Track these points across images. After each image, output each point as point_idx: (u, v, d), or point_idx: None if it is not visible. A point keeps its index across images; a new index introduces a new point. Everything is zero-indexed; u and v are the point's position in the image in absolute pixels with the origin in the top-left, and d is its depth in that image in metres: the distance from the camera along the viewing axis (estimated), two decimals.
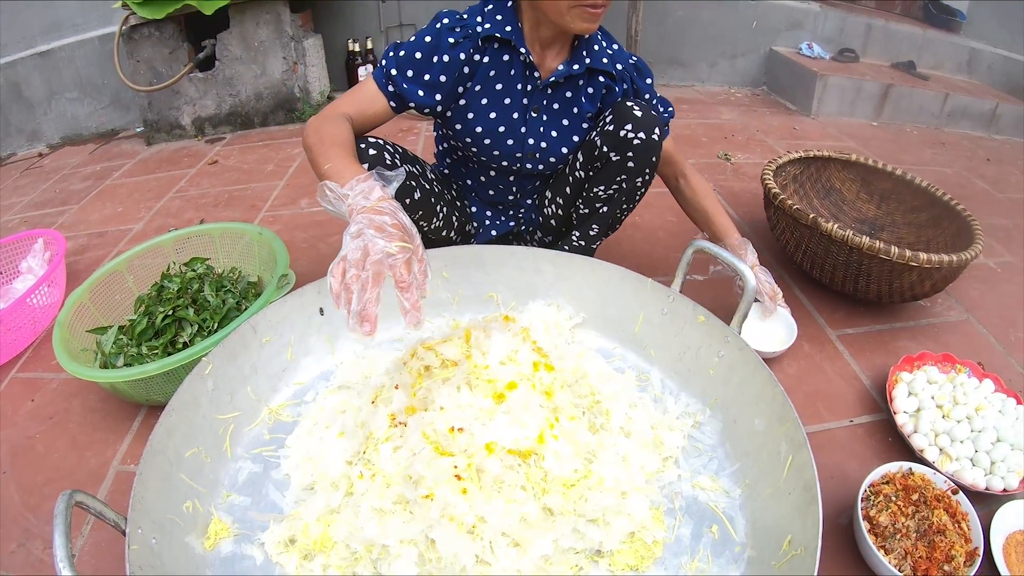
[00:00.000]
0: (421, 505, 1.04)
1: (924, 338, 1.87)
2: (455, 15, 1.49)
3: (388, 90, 1.46)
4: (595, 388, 1.33)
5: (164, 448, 1.11)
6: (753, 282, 1.28)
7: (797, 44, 4.22)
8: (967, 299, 2.08)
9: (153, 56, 3.35)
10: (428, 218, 1.59)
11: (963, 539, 1.21)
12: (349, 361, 1.49)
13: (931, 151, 3.55)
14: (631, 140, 1.48)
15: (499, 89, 1.53)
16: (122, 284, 1.82)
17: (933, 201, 2.11)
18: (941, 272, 1.70)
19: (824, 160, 2.30)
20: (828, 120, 3.87)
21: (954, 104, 3.94)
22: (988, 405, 1.50)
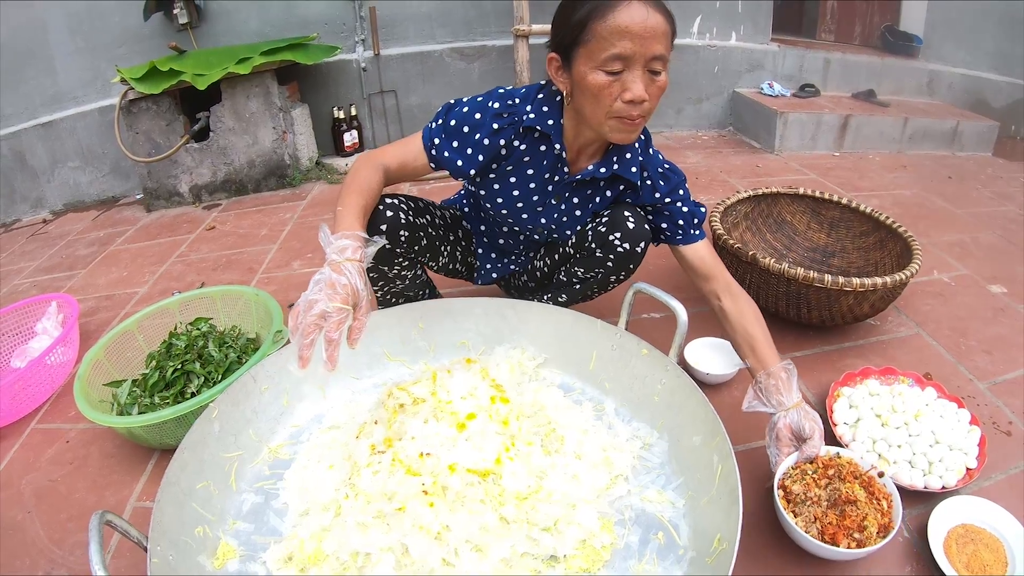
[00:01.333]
0: (396, 517, 1.23)
1: (872, 355, 1.97)
2: (509, 97, 1.54)
3: (431, 153, 1.56)
4: (552, 418, 1.50)
5: (178, 480, 1.28)
6: (683, 316, 1.45)
7: (759, 84, 4.36)
8: (918, 314, 2.19)
9: (151, 128, 3.53)
10: (435, 259, 1.77)
11: (879, 513, 1.29)
12: (338, 404, 1.66)
13: (892, 175, 3.67)
14: (616, 246, 1.60)
15: (529, 174, 1.60)
16: (133, 343, 1.99)
17: (878, 225, 2.24)
18: (877, 294, 1.83)
19: (773, 196, 2.44)
20: (791, 155, 3.98)
21: (915, 127, 4.09)
22: (928, 411, 1.61)
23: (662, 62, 1.33)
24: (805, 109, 4.03)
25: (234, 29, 3.83)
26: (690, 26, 4.22)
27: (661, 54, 1.31)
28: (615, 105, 1.35)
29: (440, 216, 1.81)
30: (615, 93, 1.33)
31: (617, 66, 1.31)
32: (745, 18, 4.29)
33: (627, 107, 1.34)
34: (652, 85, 1.34)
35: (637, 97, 1.32)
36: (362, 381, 1.71)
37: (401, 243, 1.61)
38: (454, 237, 1.84)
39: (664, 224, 1.65)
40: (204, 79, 3.28)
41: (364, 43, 3.93)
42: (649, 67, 1.32)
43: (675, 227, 1.64)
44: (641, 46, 1.28)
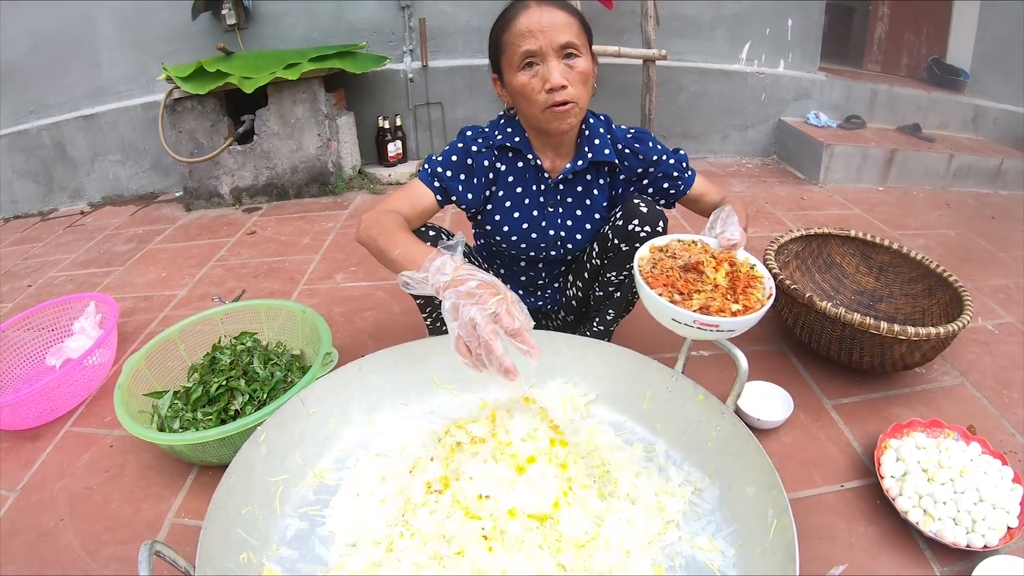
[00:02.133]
0: (454, 560, 1.21)
1: (918, 404, 1.95)
2: (478, 128, 1.71)
3: (435, 185, 1.64)
4: (605, 459, 1.48)
5: (225, 505, 1.27)
6: (744, 364, 1.42)
7: (805, 113, 4.33)
8: (963, 363, 2.15)
9: (195, 127, 3.57)
10: None
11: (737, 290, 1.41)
12: (386, 431, 1.64)
13: (936, 213, 3.61)
14: (638, 233, 1.63)
15: (519, 192, 1.72)
16: (175, 351, 1.98)
17: (928, 272, 2.22)
18: (930, 343, 1.81)
19: (824, 236, 2.42)
20: (835, 188, 3.94)
21: (959, 163, 4.02)
22: (973, 467, 1.58)
23: (573, 48, 1.48)
24: (851, 141, 3.99)
25: (281, 33, 3.86)
26: (739, 52, 4.22)
27: (568, 41, 1.46)
28: (541, 98, 1.50)
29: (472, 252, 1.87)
30: (538, 87, 1.49)
31: (531, 61, 1.48)
32: (794, 45, 4.27)
33: (550, 96, 1.49)
34: (571, 72, 1.49)
35: (556, 84, 1.47)
36: (410, 407, 1.70)
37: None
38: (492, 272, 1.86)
39: (665, 184, 1.74)
40: (252, 82, 3.31)
41: (412, 54, 3.94)
42: (563, 56, 1.48)
43: (673, 180, 1.73)
44: (544, 39, 1.45)
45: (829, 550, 1.49)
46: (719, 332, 1.35)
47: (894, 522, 1.55)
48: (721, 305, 1.37)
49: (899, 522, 1.54)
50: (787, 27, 4.22)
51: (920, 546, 1.50)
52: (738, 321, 1.33)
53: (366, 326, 2.38)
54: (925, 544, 1.50)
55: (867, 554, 1.49)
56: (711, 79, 4.23)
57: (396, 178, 4.03)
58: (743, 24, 4.17)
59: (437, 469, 1.41)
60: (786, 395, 1.88)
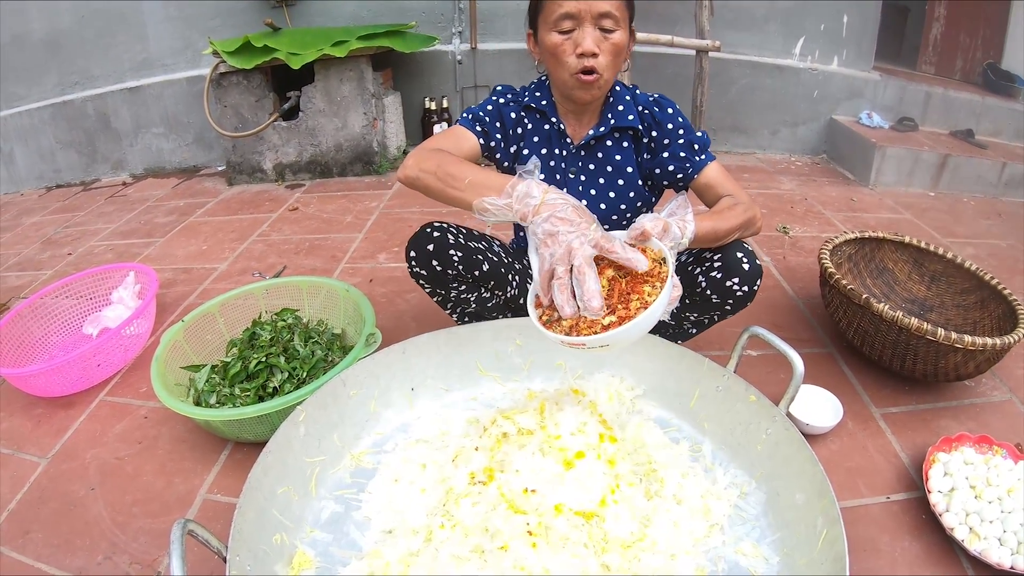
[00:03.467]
0: (495, 555, 1.18)
1: (966, 418, 1.90)
2: (508, 87, 1.73)
3: (476, 129, 1.63)
4: (652, 457, 1.45)
5: (260, 485, 1.26)
6: (801, 368, 1.38)
7: (857, 113, 4.23)
8: (1012, 379, 2.09)
9: (240, 103, 3.58)
10: (502, 287, 1.70)
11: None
12: (427, 416, 1.63)
13: (987, 222, 3.52)
14: (735, 291, 1.56)
15: (543, 153, 1.69)
16: (214, 325, 1.98)
17: (981, 284, 2.16)
18: (985, 354, 1.76)
19: (878, 241, 2.37)
20: (885, 191, 3.86)
21: (1011, 172, 3.91)
22: (1021, 487, 1.53)
23: (612, 20, 1.45)
24: (903, 144, 3.90)
25: (329, 11, 3.85)
26: (792, 47, 4.13)
27: (608, 11, 1.43)
28: (570, 61, 1.47)
29: (500, 245, 1.79)
30: (569, 51, 1.47)
31: (567, 24, 1.45)
32: (849, 42, 4.17)
33: (579, 60, 1.46)
34: (605, 42, 1.46)
35: (587, 50, 1.44)
36: (452, 393, 1.68)
37: (454, 263, 1.57)
38: (520, 267, 1.79)
39: (671, 167, 1.65)
40: (299, 59, 3.30)
41: (461, 35, 3.93)
42: (599, 25, 1.45)
43: (680, 162, 1.64)
44: (586, 4, 1.42)
45: (872, 563, 1.45)
46: (590, 349, 1.20)
47: (938, 538, 1.50)
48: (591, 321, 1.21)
49: (943, 539, 1.50)
50: (842, 24, 4.12)
51: (963, 565, 1.45)
52: (607, 336, 1.15)
53: (408, 308, 2.36)
54: (968, 563, 1.45)
55: (909, 569, 1.44)
56: (763, 73, 4.16)
57: None
58: (797, 18, 4.08)
59: (482, 459, 1.39)
60: (836, 401, 1.83)
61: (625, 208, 1.72)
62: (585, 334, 1.18)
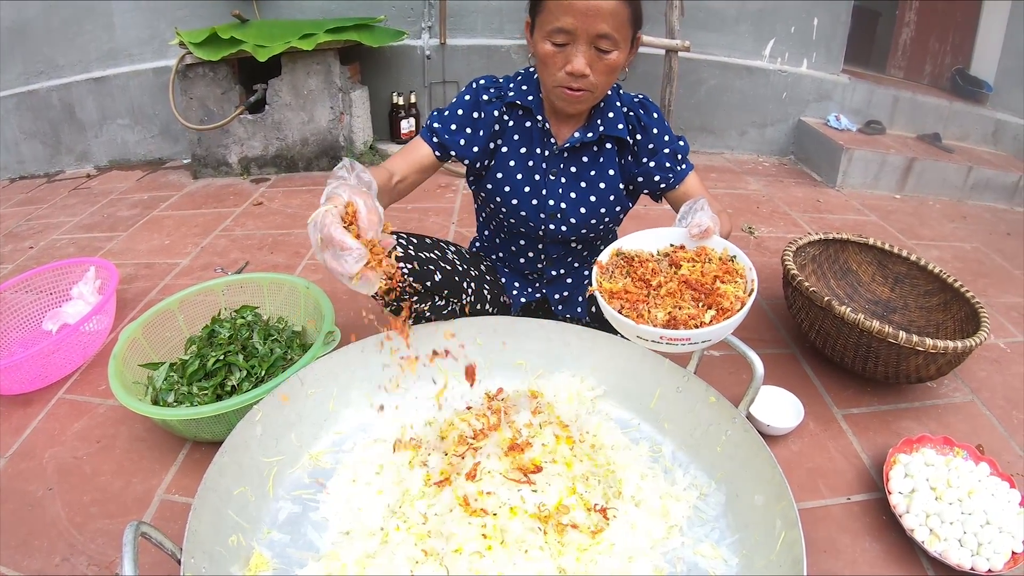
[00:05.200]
0: (451, 558, 1.16)
1: (928, 419, 1.91)
2: (491, 79, 1.66)
3: (432, 141, 1.61)
4: (610, 459, 1.44)
5: (216, 486, 1.23)
6: (760, 370, 1.37)
7: (825, 115, 4.26)
8: (974, 380, 2.11)
9: (206, 95, 3.51)
10: (457, 295, 1.67)
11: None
12: (387, 415, 1.60)
13: (952, 225, 3.56)
14: None
15: (523, 152, 1.65)
16: (173, 322, 1.94)
17: (944, 286, 2.18)
18: (947, 357, 1.77)
19: (842, 242, 2.38)
20: (852, 192, 3.89)
21: (977, 176, 3.96)
22: (981, 488, 1.54)
23: (609, 41, 1.38)
24: (870, 147, 3.93)
25: (298, 3, 3.79)
26: (763, 48, 4.13)
27: (606, 33, 1.36)
28: (559, 75, 1.43)
29: (456, 252, 1.76)
30: (559, 64, 1.42)
31: (561, 39, 1.39)
32: (819, 45, 4.18)
33: (568, 78, 1.42)
34: (599, 62, 1.41)
35: (576, 71, 1.40)
36: (411, 391, 1.66)
37: (405, 276, 1.53)
38: (477, 273, 1.76)
39: (656, 177, 1.64)
40: (266, 51, 3.25)
41: (431, 30, 3.88)
42: (596, 45, 1.38)
43: (664, 172, 1.64)
44: (584, 23, 1.35)
45: (832, 564, 1.45)
46: (692, 345, 1.25)
47: (899, 539, 1.51)
48: (692, 312, 1.27)
49: (904, 539, 1.51)
50: (812, 26, 4.13)
51: (924, 565, 1.46)
52: (712, 330, 1.20)
53: (370, 305, 2.32)
54: (929, 564, 1.46)
55: (870, 570, 1.45)
56: (733, 74, 4.16)
57: None
58: (768, 20, 4.08)
59: (437, 462, 1.37)
60: (797, 402, 1.83)
61: (604, 212, 1.69)
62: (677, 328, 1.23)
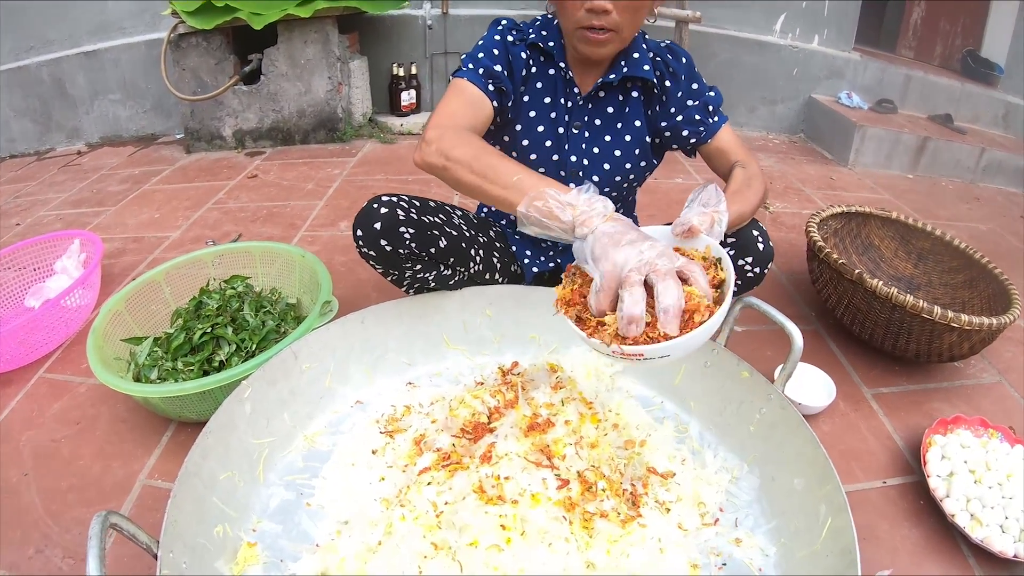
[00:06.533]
0: (465, 552, 1.04)
1: (957, 400, 1.84)
2: (512, 21, 1.52)
3: (489, 89, 1.41)
4: (636, 439, 1.33)
5: (199, 470, 1.11)
6: (800, 342, 1.25)
7: (836, 93, 4.19)
8: (1000, 361, 2.05)
9: (199, 65, 3.40)
10: (464, 263, 1.54)
11: None
12: (387, 392, 1.49)
13: (966, 206, 3.51)
14: (746, 271, 1.46)
15: (546, 103, 1.52)
16: (159, 295, 1.83)
17: (970, 263, 2.10)
18: (980, 334, 1.69)
19: (864, 216, 2.29)
20: (864, 171, 3.83)
21: (990, 159, 3.91)
22: (1018, 472, 1.48)
23: None
24: (883, 125, 3.86)
25: None
26: (773, 23, 4.05)
27: None
28: (579, 14, 1.32)
29: (462, 216, 1.61)
30: (580, 3, 1.32)
31: None
32: (830, 21, 4.10)
33: (588, 16, 1.31)
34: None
35: (597, 7, 1.29)
36: (415, 368, 1.54)
37: (406, 242, 1.38)
38: (485, 239, 1.63)
39: (685, 132, 1.53)
40: (261, 19, 3.14)
41: None
42: None
43: (695, 126, 1.52)
44: None
45: (872, 553, 1.36)
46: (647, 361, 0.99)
47: (938, 524, 1.43)
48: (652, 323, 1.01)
49: (943, 525, 1.43)
50: (824, 2, 4.05)
51: (964, 552, 1.38)
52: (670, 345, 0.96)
53: (370, 277, 2.23)
54: (968, 550, 1.38)
55: (911, 559, 1.36)
56: (743, 48, 4.08)
57: (408, 128, 3.87)
58: None
59: (448, 443, 1.25)
60: (828, 379, 1.75)
61: (629, 168, 1.57)
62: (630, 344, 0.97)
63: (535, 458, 1.19)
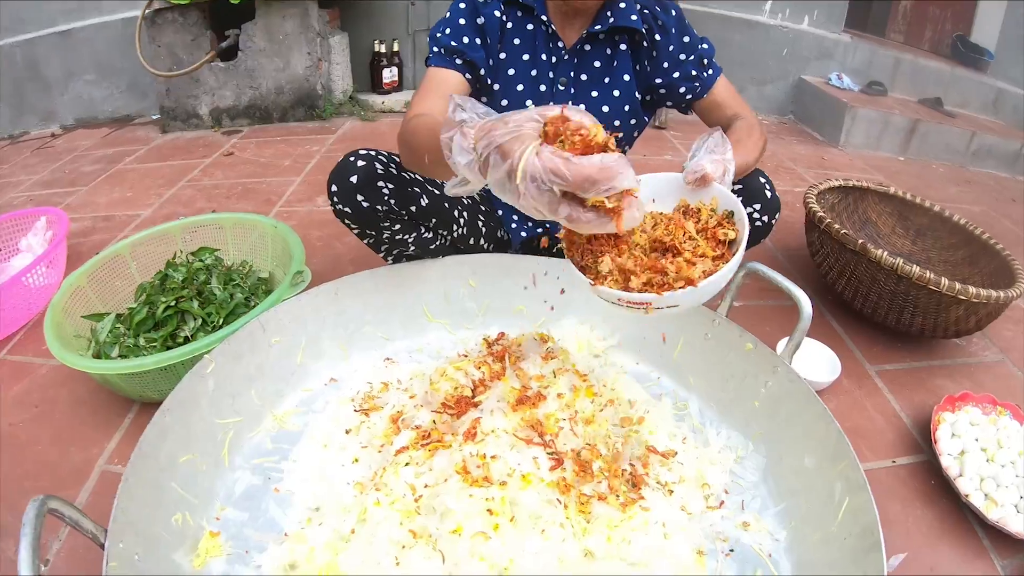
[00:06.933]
0: (448, 541, 0.95)
1: (961, 377, 1.80)
2: None
3: (456, 63, 1.36)
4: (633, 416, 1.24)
5: (156, 452, 1.02)
6: (808, 310, 1.16)
7: (826, 74, 4.17)
8: (1001, 340, 2.00)
9: (175, 42, 3.31)
10: (447, 225, 1.47)
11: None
12: (363, 369, 1.39)
13: (957, 188, 3.50)
14: (755, 220, 1.38)
15: (525, 60, 1.45)
16: (124, 270, 1.74)
17: (970, 239, 2.05)
18: (987, 308, 1.64)
19: (862, 191, 2.23)
20: (855, 152, 3.81)
21: (980, 143, 3.90)
22: None
23: None
24: (874, 106, 3.83)
25: None
26: (763, 3, 4.02)
27: None
28: None
29: None
30: None
31: None
32: (820, 2, 4.08)
33: None
34: None
35: None
36: (394, 343, 1.44)
37: (384, 198, 1.29)
38: (470, 201, 1.55)
39: (682, 89, 1.46)
40: None
41: None
42: None
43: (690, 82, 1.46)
44: None
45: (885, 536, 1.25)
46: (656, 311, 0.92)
47: (950, 505, 1.38)
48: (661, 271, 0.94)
49: (955, 505, 1.37)
50: None
51: (979, 534, 1.33)
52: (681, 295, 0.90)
53: (347, 251, 2.16)
54: (982, 531, 1.33)
55: (925, 541, 1.30)
56: (733, 27, 4.03)
57: (390, 106, 3.80)
58: None
59: (428, 420, 1.15)
60: (832, 355, 1.68)
61: (618, 125, 1.49)
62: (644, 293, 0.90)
63: (525, 435, 1.09)
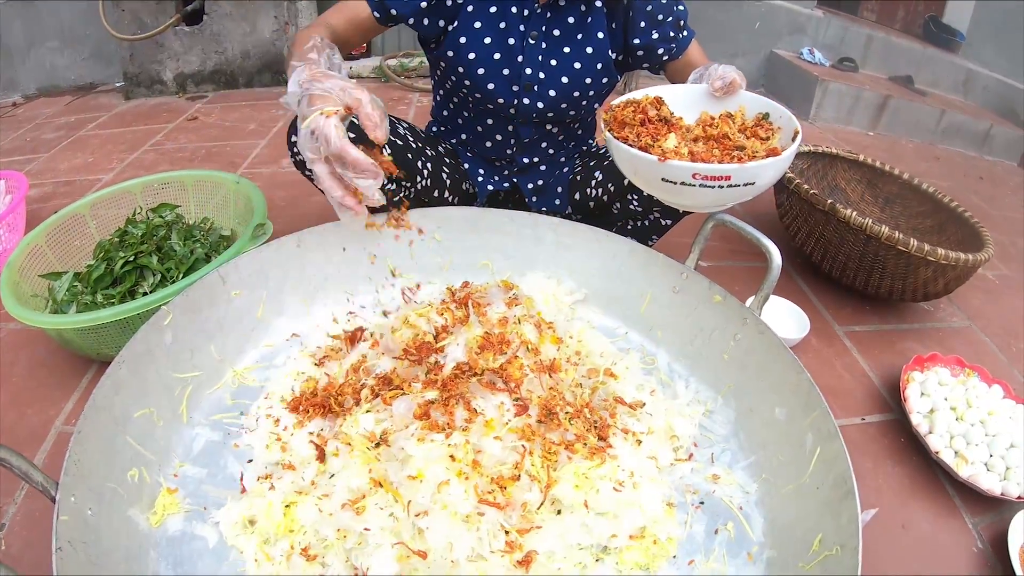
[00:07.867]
0: (409, 487, 0.91)
1: (929, 341, 1.83)
2: None
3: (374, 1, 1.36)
4: (599, 368, 1.21)
5: (110, 405, 0.97)
6: (778, 259, 1.14)
7: (798, 49, 4.17)
8: (969, 307, 2.04)
9: (139, 7, 3.23)
10: (410, 175, 1.44)
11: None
12: (325, 324, 1.35)
13: (926, 164, 3.54)
14: None
15: (493, 12, 1.39)
16: (83, 229, 1.69)
17: (939, 207, 2.06)
18: (956, 271, 1.66)
19: (831, 157, 2.22)
20: (825, 126, 3.83)
21: (949, 121, 3.96)
22: (999, 410, 1.46)
23: None
24: (844, 81, 3.85)
25: None
26: None
27: None
28: None
29: (409, 128, 1.52)
30: None
31: None
32: None
33: None
34: None
35: None
36: (358, 297, 1.39)
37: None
38: (434, 153, 1.53)
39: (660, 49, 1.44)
40: None
41: None
42: None
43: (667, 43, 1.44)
44: None
45: None
46: (730, 188, 1.04)
47: (921, 463, 1.40)
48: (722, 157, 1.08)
49: (926, 463, 1.40)
50: None
51: (949, 492, 1.36)
52: (759, 166, 1.01)
53: (312, 210, 2.16)
54: (954, 490, 1.36)
55: (896, 498, 1.32)
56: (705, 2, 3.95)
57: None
58: None
59: (388, 366, 1.11)
60: (800, 312, 1.69)
61: (589, 83, 1.45)
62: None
63: (489, 379, 1.05)
